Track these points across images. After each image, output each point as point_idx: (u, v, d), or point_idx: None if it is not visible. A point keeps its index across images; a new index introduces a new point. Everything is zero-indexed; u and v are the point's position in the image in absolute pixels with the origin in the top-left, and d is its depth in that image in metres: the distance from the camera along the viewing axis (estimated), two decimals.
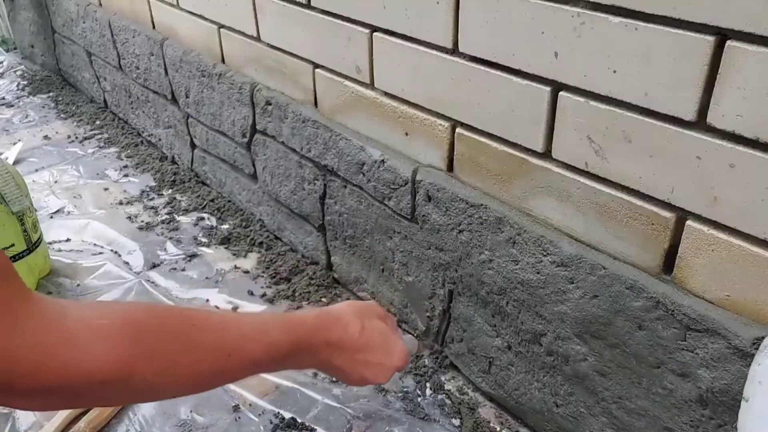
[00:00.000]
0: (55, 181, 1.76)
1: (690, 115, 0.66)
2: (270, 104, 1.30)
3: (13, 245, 1.25)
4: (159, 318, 0.54)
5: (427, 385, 1.11)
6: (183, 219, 1.57)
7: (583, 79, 0.75)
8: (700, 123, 0.66)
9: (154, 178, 1.75)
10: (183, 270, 1.39)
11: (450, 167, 0.99)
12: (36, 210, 1.38)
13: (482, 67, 0.86)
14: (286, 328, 0.65)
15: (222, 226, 1.54)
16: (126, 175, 1.78)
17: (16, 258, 1.26)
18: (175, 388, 0.56)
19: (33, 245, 1.29)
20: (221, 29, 1.40)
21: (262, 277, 1.37)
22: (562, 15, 0.74)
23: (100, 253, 1.46)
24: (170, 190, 1.69)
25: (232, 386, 1.10)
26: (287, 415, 1.04)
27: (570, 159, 0.81)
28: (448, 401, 1.07)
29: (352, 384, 0.75)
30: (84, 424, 1.01)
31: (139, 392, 0.53)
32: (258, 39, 1.29)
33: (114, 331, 0.49)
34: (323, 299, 1.30)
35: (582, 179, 0.80)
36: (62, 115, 2.14)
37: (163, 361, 0.52)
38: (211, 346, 0.57)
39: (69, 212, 1.62)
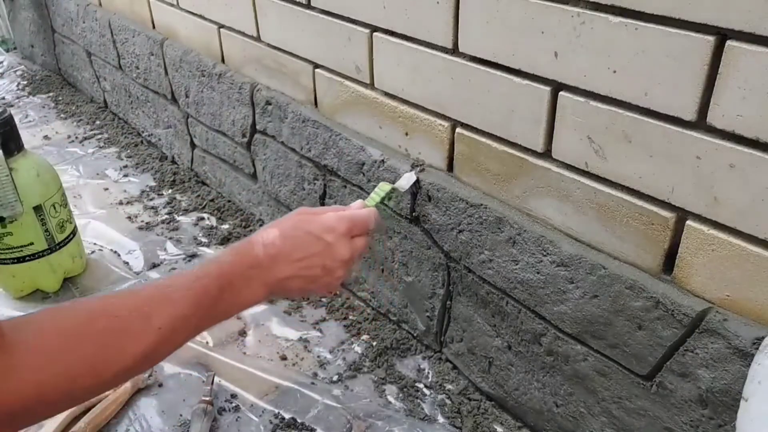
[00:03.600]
0: None
1: (690, 115, 0.66)
2: (270, 104, 1.30)
3: (31, 243, 1.25)
4: (87, 320, 0.55)
5: (427, 385, 1.11)
6: (183, 219, 1.57)
7: (583, 79, 0.75)
8: (700, 123, 0.66)
9: (154, 178, 1.75)
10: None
11: (450, 167, 0.99)
12: (69, 210, 1.36)
13: (482, 67, 0.86)
14: (204, 273, 0.63)
15: (222, 226, 1.54)
16: (126, 175, 1.78)
17: (34, 256, 1.26)
18: (121, 377, 0.56)
19: (57, 245, 1.29)
20: (221, 29, 1.40)
21: None
22: (562, 15, 0.74)
23: (100, 252, 1.46)
24: (170, 190, 1.69)
25: (231, 386, 1.10)
26: (287, 415, 1.04)
27: (570, 159, 0.81)
28: (448, 401, 1.07)
29: (329, 283, 0.72)
30: (84, 424, 1.01)
31: (84, 394, 0.54)
32: (258, 39, 1.29)
33: (49, 347, 0.51)
34: (323, 299, 1.31)
35: (582, 179, 0.80)
36: (62, 115, 2.14)
37: (97, 364, 0.53)
38: (139, 328, 0.57)
39: None
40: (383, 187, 0.92)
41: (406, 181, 0.98)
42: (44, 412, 0.52)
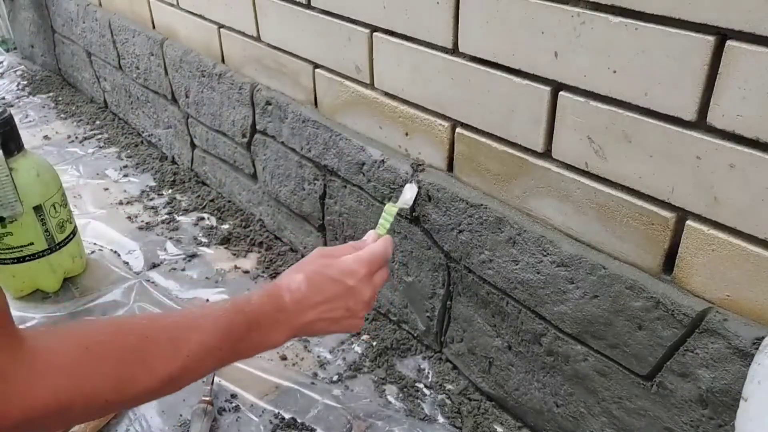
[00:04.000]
0: None
1: (690, 115, 0.66)
2: (270, 104, 1.30)
3: (32, 243, 1.25)
4: (114, 336, 0.55)
5: (427, 385, 1.11)
6: (183, 219, 1.57)
7: (583, 79, 0.75)
8: (700, 123, 0.66)
9: (154, 178, 1.75)
10: (183, 270, 1.40)
11: (450, 167, 0.99)
12: (69, 210, 1.36)
13: (482, 67, 0.86)
14: (234, 309, 0.65)
15: (222, 226, 1.54)
16: (126, 175, 1.78)
17: (34, 256, 1.26)
18: (142, 397, 0.56)
19: (57, 245, 1.29)
20: (221, 29, 1.40)
21: (262, 277, 1.37)
22: (562, 15, 0.74)
23: (100, 252, 1.46)
24: (170, 190, 1.69)
25: (231, 386, 1.10)
26: (287, 416, 1.04)
27: (570, 159, 0.81)
28: (448, 401, 1.07)
29: (354, 323, 0.76)
30: (84, 424, 1.01)
31: (104, 410, 0.54)
32: (258, 39, 1.29)
33: (73, 361, 0.50)
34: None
35: (582, 179, 0.80)
36: (62, 115, 2.14)
37: (121, 380, 0.53)
38: (167, 351, 0.57)
39: None
40: (390, 211, 0.91)
41: (410, 194, 0.98)
42: (62, 422, 0.52)
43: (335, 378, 1.12)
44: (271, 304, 0.69)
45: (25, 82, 2.37)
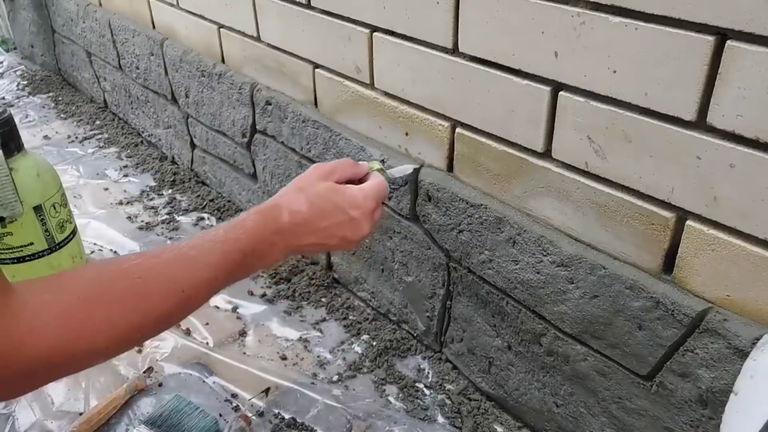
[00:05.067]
0: None
1: (690, 115, 0.67)
2: (270, 104, 1.30)
3: (32, 243, 1.25)
4: (107, 282, 0.55)
5: (427, 385, 1.11)
6: (183, 219, 1.57)
7: (583, 79, 0.75)
8: (700, 123, 0.66)
9: (154, 178, 1.75)
10: None
11: (450, 167, 0.99)
12: (69, 210, 1.36)
13: (482, 67, 0.86)
14: (231, 239, 0.64)
15: None
16: (126, 175, 1.78)
17: (34, 256, 1.26)
18: (141, 339, 0.58)
19: (57, 245, 1.29)
20: (221, 29, 1.40)
21: (262, 277, 1.37)
22: (562, 15, 0.74)
23: (100, 252, 1.46)
24: (170, 190, 1.69)
25: (231, 386, 1.10)
26: (287, 415, 1.04)
27: (570, 159, 0.81)
28: (448, 401, 1.07)
29: (344, 248, 0.75)
30: (78, 424, 1.01)
31: (105, 355, 0.55)
32: (258, 39, 1.29)
33: (66, 310, 0.51)
34: (323, 299, 1.30)
35: (582, 179, 0.80)
36: (62, 115, 2.14)
37: (117, 326, 0.54)
38: (163, 290, 0.57)
39: None
40: (373, 167, 0.89)
41: (399, 171, 0.95)
42: (66, 369, 0.53)
43: (335, 378, 1.12)
44: (267, 228, 0.67)
45: (25, 82, 2.37)
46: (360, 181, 0.81)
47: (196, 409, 1.02)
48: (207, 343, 1.20)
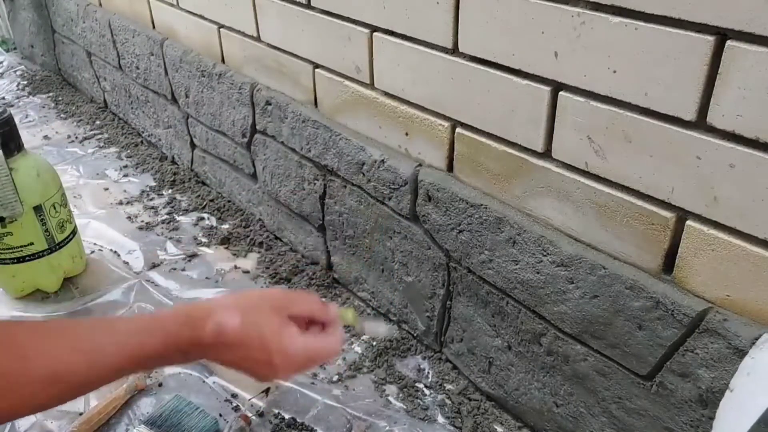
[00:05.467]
0: None
1: (690, 115, 0.66)
2: (270, 104, 1.30)
3: (32, 243, 1.25)
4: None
5: (427, 385, 1.11)
6: (183, 219, 1.57)
7: (583, 79, 0.75)
8: (700, 123, 0.66)
9: (154, 178, 1.75)
10: (183, 270, 1.39)
11: (450, 167, 0.99)
12: (69, 210, 1.36)
13: (482, 67, 0.86)
14: (145, 331, 0.61)
15: (222, 226, 1.54)
16: (126, 175, 1.78)
17: (34, 256, 1.26)
18: (6, 420, 0.53)
19: (57, 245, 1.29)
20: (221, 29, 1.40)
21: (262, 277, 1.37)
22: (562, 15, 0.74)
23: (100, 252, 1.46)
24: (170, 190, 1.69)
25: (231, 386, 1.10)
26: (287, 415, 1.04)
27: (570, 159, 0.81)
28: (448, 401, 1.07)
29: (256, 379, 0.68)
30: (78, 424, 1.01)
31: None
32: (258, 39, 1.29)
33: None
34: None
35: (582, 179, 0.80)
36: (62, 115, 2.14)
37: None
38: (45, 377, 0.53)
39: None
40: (352, 317, 0.77)
41: (371, 328, 0.86)
42: None
43: (335, 378, 1.12)
44: (187, 337, 0.62)
45: (25, 82, 2.37)
46: (324, 325, 0.71)
47: (196, 409, 1.02)
48: None
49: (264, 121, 1.34)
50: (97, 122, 2.07)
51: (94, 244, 1.48)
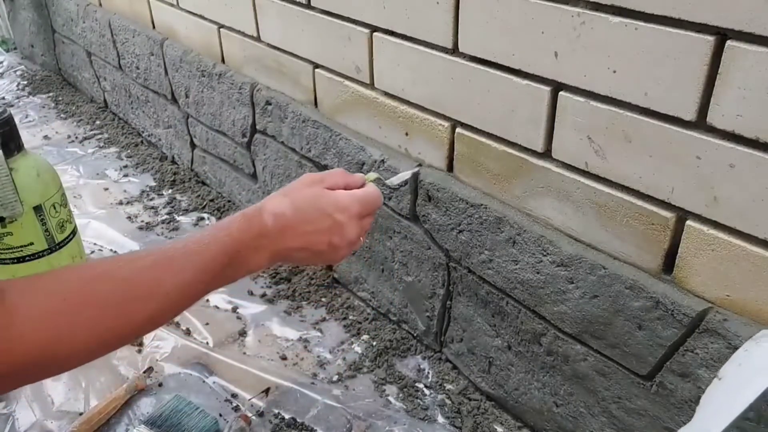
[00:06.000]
0: None
1: (690, 115, 0.67)
2: (270, 104, 1.30)
3: (31, 243, 1.25)
4: (91, 284, 0.55)
5: (427, 385, 1.11)
6: (183, 219, 1.57)
7: (583, 79, 0.75)
8: (700, 123, 0.66)
9: (154, 178, 1.75)
10: None
11: (450, 167, 0.99)
12: (69, 210, 1.36)
13: (482, 67, 0.86)
14: (217, 243, 0.64)
15: None
16: (126, 175, 1.78)
17: (34, 256, 1.26)
18: (124, 340, 0.57)
19: (57, 245, 1.29)
20: (221, 29, 1.40)
21: (262, 277, 1.37)
22: (562, 15, 0.74)
23: (100, 252, 1.46)
24: (170, 190, 1.69)
25: (231, 386, 1.10)
26: (287, 415, 1.04)
27: (570, 159, 0.81)
28: (448, 401, 1.07)
29: (333, 258, 0.72)
30: (78, 424, 1.01)
31: (89, 356, 0.55)
32: (258, 39, 1.29)
33: (50, 312, 0.51)
34: (323, 299, 1.30)
35: (582, 179, 0.80)
36: (62, 115, 2.14)
37: (100, 327, 0.54)
38: (146, 293, 0.57)
39: None
40: (370, 177, 0.86)
41: (398, 179, 0.93)
42: (50, 370, 0.53)
43: (335, 378, 1.12)
44: (251, 230, 0.66)
45: (25, 82, 2.37)
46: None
47: (196, 409, 1.02)
48: (207, 343, 1.20)
49: (264, 121, 1.34)
50: (97, 122, 2.07)
51: (94, 244, 1.48)
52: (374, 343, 1.19)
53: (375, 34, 1.01)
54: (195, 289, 0.61)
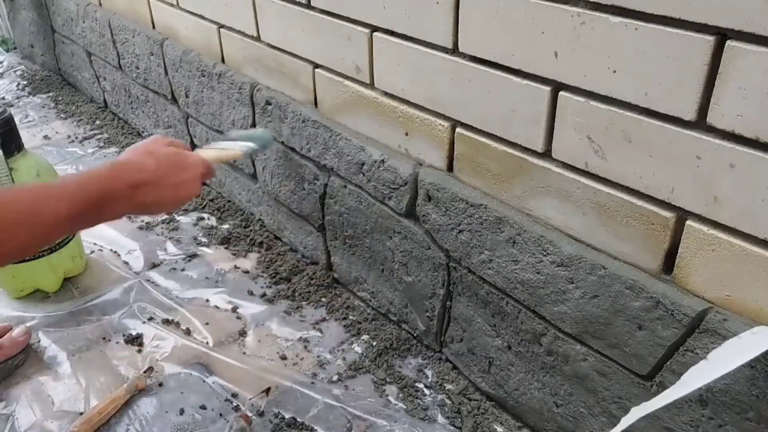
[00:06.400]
0: None
1: (690, 114, 0.67)
2: (270, 104, 1.30)
3: None
4: None
5: (427, 385, 1.11)
6: (183, 219, 1.57)
7: (583, 79, 0.75)
8: (700, 123, 0.66)
9: None
10: (183, 270, 1.40)
11: (450, 167, 0.99)
12: None
13: (482, 67, 0.86)
14: (86, 184, 0.74)
15: (222, 226, 1.54)
16: None
17: (34, 256, 1.26)
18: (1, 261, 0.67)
19: (57, 245, 1.29)
20: (221, 29, 1.40)
21: (262, 277, 1.37)
22: (562, 15, 0.74)
23: (100, 252, 1.46)
24: None
25: (231, 386, 1.10)
26: (287, 415, 1.04)
27: (570, 159, 0.81)
28: (448, 401, 1.07)
29: (171, 209, 0.91)
30: (79, 424, 1.01)
31: None
32: (258, 39, 1.29)
33: None
34: (323, 299, 1.30)
35: (582, 179, 0.80)
36: (62, 115, 2.14)
37: None
38: (23, 222, 0.66)
39: None
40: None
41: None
42: None
43: (335, 378, 1.12)
44: (121, 179, 0.78)
45: (25, 82, 2.37)
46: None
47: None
48: (207, 343, 1.20)
49: (264, 121, 1.34)
50: (97, 122, 2.07)
51: (94, 244, 1.49)
52: (374, 343, 1.19)
53: (375, 34, 1.01)
54: (68, 222, 0.71)
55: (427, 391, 1.10)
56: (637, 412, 0.68)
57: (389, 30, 0.98)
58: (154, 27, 1.68)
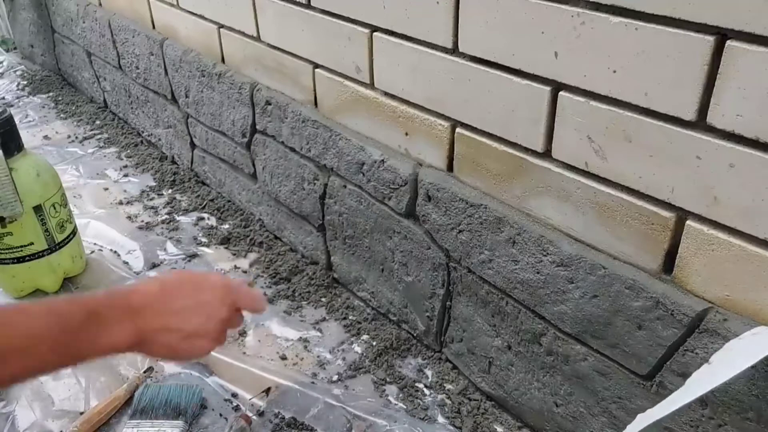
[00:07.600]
0: None
1: (690, 114, 0.67)
2: (270, 104, 1.30)
3: (32, 243, 1.25)
4: None
5: (427, 385, 1.11)
6: (183, 219, 1.57)
7: (583, 79, 0.75)
8: (700, 123, 0.66)
9: (154, 178, 1.75)
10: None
11: (450, 167, 0.99)
12: (69, 210, 1.36)
13: (482, 67, 0.86)
14: (75, 301, 0.61)
15: (222, 226, 1.54)
16: (126, 175, 1.78)
17: (34, 256, 1.26)
18: None
19: (57, 245, 1.29)
20: (221, 29, 1.40)
21: (262, 277, 1.37)
22: (562, 15, 0.74)
23: (100, 252, 1.46)
24: (170, 190, 1.69)
25: (231, 386, 1.10)
26: (287, 415, 1.04)
27: (570, 159, 0.81)
28: (448, 401, 1.07)
29: (200, 348, 0.67)
30: (79, 424, 1.01)
31: None
32: (258, 39, 1.29)
33: None
34: (323, 299, 1.30)
35: (582, 179, 0.80)
36: (62, 115, 2.14)
37: None
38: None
39: None
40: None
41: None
42: None
43: (335, 378, 1.12)
44: (115, 302, 0.63)
45: (25, 82, 2.37)
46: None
47: (170, 388, 1.05)
48: None
49: (264, 121, 1.34)
50: (97, 122, 2.07)
51: (94, 244, 1.48)
52: (374, 343, 1.19)
53: (375, 34, 1.01)
54: (46, 345, 0.57)
55: (427, 391, 1.10)
56: (642, 420, 0.68)
57: (389, 30, 0.98)
58: (154, 27, 1.68)
